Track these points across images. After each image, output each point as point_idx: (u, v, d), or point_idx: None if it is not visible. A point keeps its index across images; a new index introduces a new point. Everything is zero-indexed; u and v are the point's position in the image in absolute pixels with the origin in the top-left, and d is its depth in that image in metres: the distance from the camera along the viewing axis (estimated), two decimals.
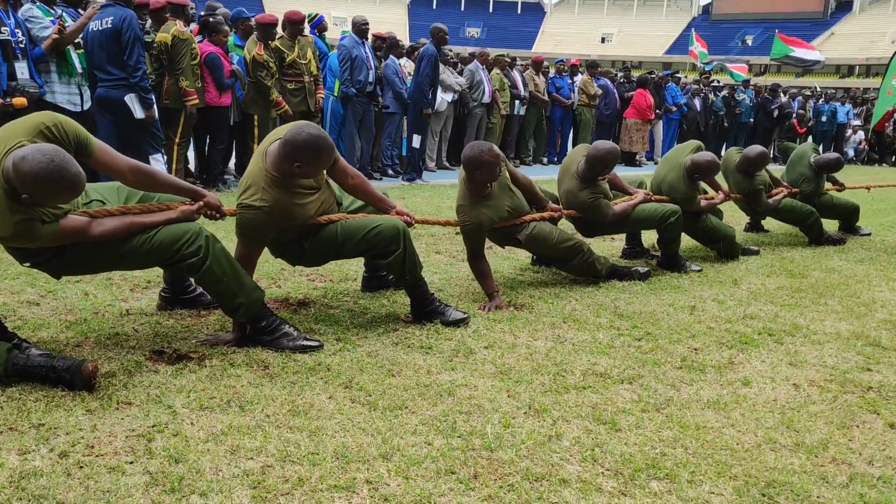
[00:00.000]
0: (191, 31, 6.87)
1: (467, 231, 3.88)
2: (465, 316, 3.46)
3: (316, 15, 9.21)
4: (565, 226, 4.64)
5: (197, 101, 6.68)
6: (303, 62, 7.62)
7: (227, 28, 7.19)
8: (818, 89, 19.16)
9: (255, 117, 7.39)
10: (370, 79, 8.40)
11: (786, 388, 2.92)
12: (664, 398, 2.73)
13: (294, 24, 7.57)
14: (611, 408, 2.61)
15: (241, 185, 3.08)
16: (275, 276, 4.18)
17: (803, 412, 2.69)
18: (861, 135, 18.06)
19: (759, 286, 4.55)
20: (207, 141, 7.47)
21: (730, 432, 2.48)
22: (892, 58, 16.54)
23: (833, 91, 23.50)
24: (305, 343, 3.01)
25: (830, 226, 6.40)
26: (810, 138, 16.78)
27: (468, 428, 2.38)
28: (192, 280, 3.53)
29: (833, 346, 3.48)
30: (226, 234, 3.40)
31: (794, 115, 16.20)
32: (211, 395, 2.52)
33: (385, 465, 2.12)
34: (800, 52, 17.12)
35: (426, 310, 3.44)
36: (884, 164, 17.76)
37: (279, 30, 7.52)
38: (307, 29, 8.42)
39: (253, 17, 7.67)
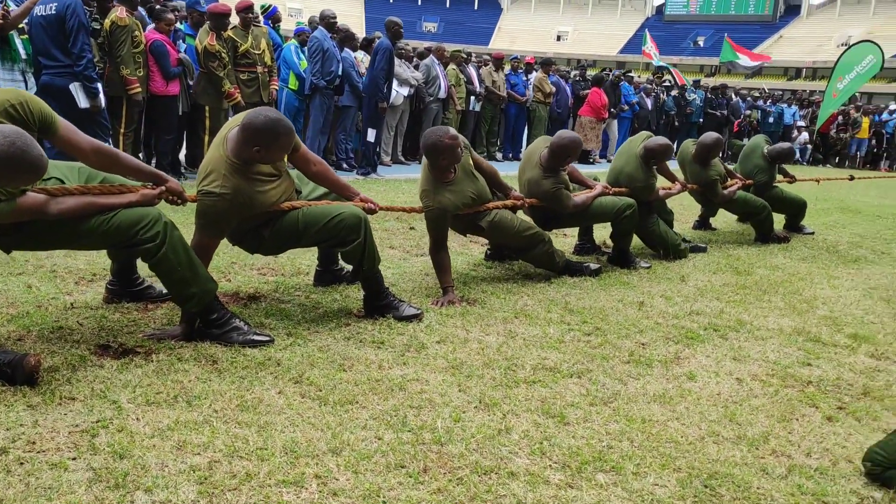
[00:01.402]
0: (138, 18, 6.70)
1: (431, 216, 3.88)
2: (419, 312, 3.46)
3: (269, 6, 9.10)
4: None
5: (139, 89, 6.52)
6: (256, 52, 7.52)
7: (171, 16, 7.04)
8: (766, 91, 19.63)
9: (207, 108, 7.26)
10: (339, 71, 8.36)
11: (729, 382, 3.00)
12: (612, 392, 2.78)
13: (247, 13, 7.46)
14: (560, 402, 2.65)
15: (201, 172, 3.04)
16: (225, 269, 4.13)
17: (745, 406, 2.76)
18: (806, 136, 18.58)
19: (705, 283, 4.65)
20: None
21: (674, 425, 2.53)
22: (837, 61, 17.08)
23: (780, 93, 24.12)
24: (255, 337, 2.98)
25: (777, 223, 6.58)
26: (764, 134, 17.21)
27: (419, 422, 2.39)
28: (138, 274, 3.47)
29: (775, 341, 3.59)
30: (183, 223, 3.34)
31: (742, 116, 16.61)
32: (157, 390, 2.48)
33: (334, 459, 2.11)
34: (744, 60, 17.57)
35: (380, 304, 3.44)
36: (828, 164, 18.32)
37: (232, 19, 7.40)
38: (261, 20, 8.32)
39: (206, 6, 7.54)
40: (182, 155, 7.96)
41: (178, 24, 7.49)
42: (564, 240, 5.81)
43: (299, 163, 3.31)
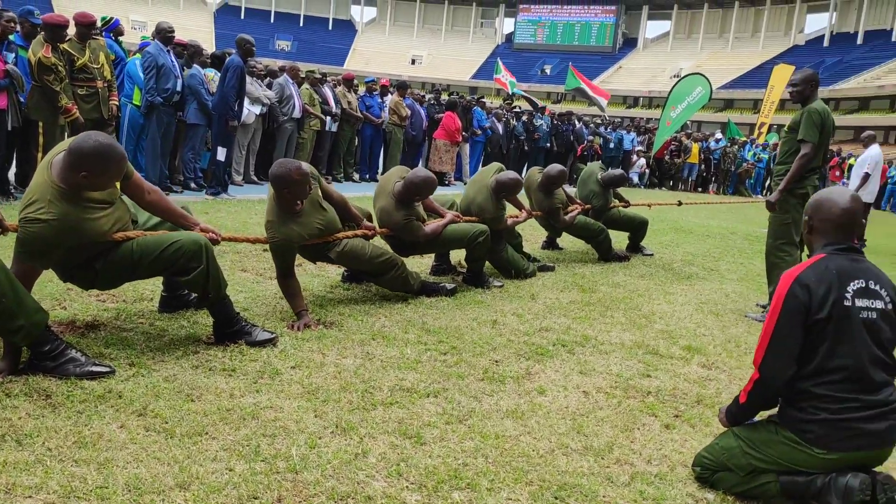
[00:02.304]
0: None
1: (276, 248, 3.80)
2: (273, 336, 3.37)
3: (111, 18, 8.63)
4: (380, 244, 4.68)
5: None
6: (95, 67, 7.09)
7: None
8: (606, 118, 20.89)
9: (40, 124, 6.74)
10: (178, 87, 8.01)
11: (577, 395, 3.14)
12: (467, 410, 2.83)
13: (84, 26, 7.03)
14: (416, 422, 2.66)
15: (25, 198, 2.81)
16: (59, 296, 3.83)
17: (591, 417, 2.90)
18: (644, 161, 19.93)
19: (553, 300, 4.86)
20: None
21: (526, 439, 2.62)
22: (670, 92, 18.47)
23: (620, 120, 25.74)
24: (94, 369, 2.79)
25: (621, 243, 6.98)
26: (599, 161, 18.27)
27: (272, 451, 2.32)
28: None
29: (618, 355, 3.80)
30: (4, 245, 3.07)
31: (585, 141, 17.57)
32: None
33: (182, 494, 2.01)
34: (588, 91, 18.66)
35: (230, 330, 3.31)
36: (663, 188, 19.71)
37: (70, 31, 6.94)
38: (101, 33, 7.86)
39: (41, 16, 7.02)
40: (12, 174, 7.34)
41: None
42: (421, 260, 5.87)
43: (133, 191, 3.12)
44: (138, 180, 3.12)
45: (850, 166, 18.24)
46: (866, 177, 9.65)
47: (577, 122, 18.03)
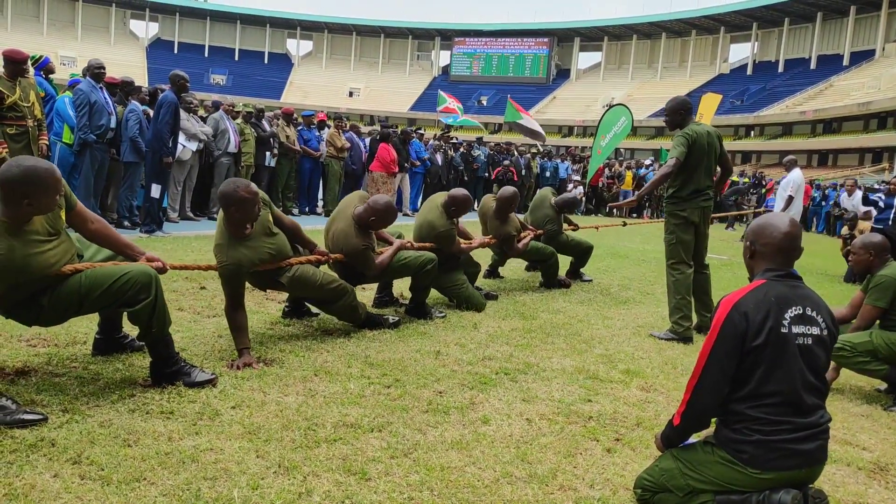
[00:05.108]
0: None
1: (225, 273, 3.72)
2: (212, 377, 3.30)
3: (41, 56, 8.46)
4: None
5: None
6: (25, 105, 6.92)
7: None
8: (541, 147, 21.30)
9: None
10: (111, 124, 7.87)
11: (520, 423, 3.17)
12: (412, 443, 2.83)
13: (15, 63, 6.86)
14: (361, 457, 2.65)
15: None
16: None
17: (535, 444, 2.93)
18: (580, 189, 20.35)
19: (496, 329, 4.90)
20: None
21: (472, 470, 2.63)
22: (599, 122, 18.96)
23: (555, 149, 26.29)
24: (25, 417, 2.69)
25: (562, 268, 7.09)
26: (550, 187, 18.64)
27: (214, 494, 2.27)
28: None
29: (560, 380, 3.85)
30: None
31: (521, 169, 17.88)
32: None
33: None
34: (525, 121, 19.03)
35: (169, 371, 3.24)
36: (599, 214, 20.14)
37: None
38: (31, 71, 7.68)
39: None
40: None
41: None
42: (363, 293, 5.85)
43: (76, 221, 3.08)
44: (81, 210, 3.09)
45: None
46: (790, 199, 10.06)
47: (514, 152, 18.34)
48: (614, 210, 21.12)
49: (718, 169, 5.42)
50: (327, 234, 4.67)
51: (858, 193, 10.85)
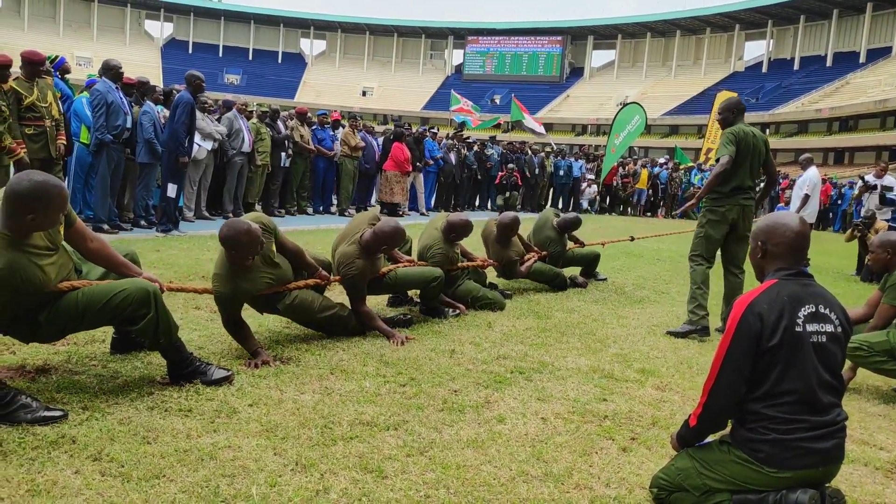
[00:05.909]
0: None
1: (220, 300, 3.74)
2: (229, 374, 3.33)
3: (57, 57, 8.54)
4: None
5: None
6: (43, 105, 6.99)
7: None
8: (555, 146, 21.27)
9: None
10: (128, 125, 7.93)
11: (535, 422, 3.18)
12: (427, 441, 2.84)
13: (33, 64, 6.93)
14: (377, 455, 2.66)
15: None
16: (7, 341, 3.72)
17: (550, 443, 2.94)
18: (595, 188, 20.31)
19: (510, 328, 4.91)
20: None
21: (487, 468, 2.64)
22: (613, 120, 18.93)
23: (568, 147, 26.24)
24: (46, 414, 2.72)
25: (575, 269, 7.09)
26: (550, 198, 18.72)
27: (232, 491, 2.30)
28: None
29: (574, 380, 3.85)
30: None
31: (505, 169, 17.87)
32: None
33: None
34: (527, 122, 19.05)
35: (185, 371, 3.26)
36: (613, 213, 20.09)
37: (15, 70, 6.84)
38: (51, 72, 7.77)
39: None
40: None
41: None
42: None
43: (75, 238, 3.06)
44: (81, 227, 3.07)
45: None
46: (806, 198, 9.99)
47: (528, 151, 18.32)
48: (628, 210, 21.07)
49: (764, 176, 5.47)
50: (334, 252, 4.65)
51: (888, 178, 10.67)
